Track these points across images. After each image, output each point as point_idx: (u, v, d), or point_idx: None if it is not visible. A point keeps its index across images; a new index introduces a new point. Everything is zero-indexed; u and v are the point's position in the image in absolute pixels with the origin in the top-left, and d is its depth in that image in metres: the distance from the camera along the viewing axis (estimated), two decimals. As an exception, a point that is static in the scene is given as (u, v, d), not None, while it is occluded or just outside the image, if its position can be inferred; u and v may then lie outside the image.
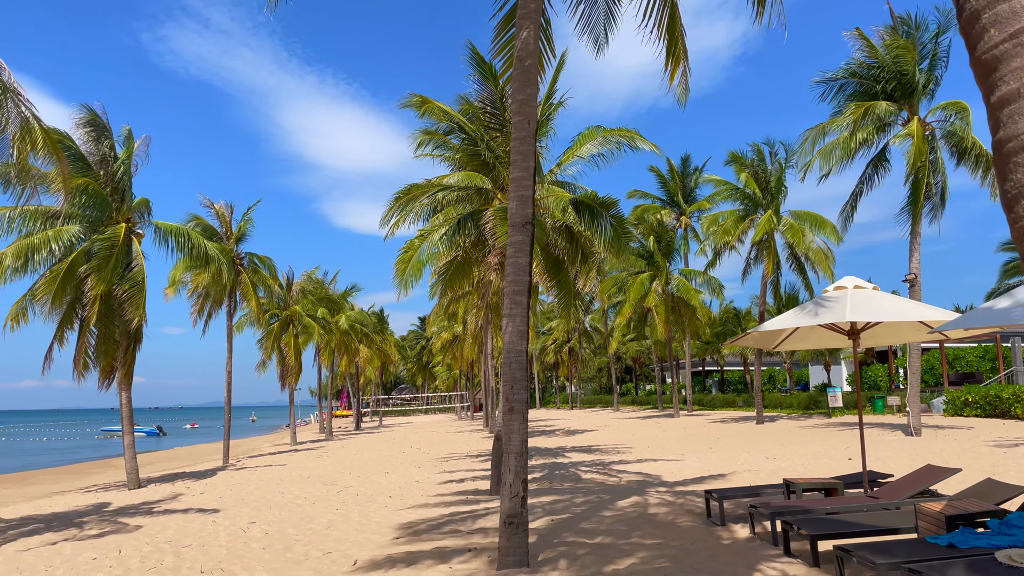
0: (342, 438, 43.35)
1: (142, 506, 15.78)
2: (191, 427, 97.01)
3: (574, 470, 18.21)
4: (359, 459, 25.87)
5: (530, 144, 8.59)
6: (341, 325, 45.63)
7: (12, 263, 18.30)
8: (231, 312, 30.25)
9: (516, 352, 8.17)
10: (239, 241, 31.05)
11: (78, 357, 19.72)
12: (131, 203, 20.53)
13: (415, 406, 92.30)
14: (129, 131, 21.14)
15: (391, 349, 60.51)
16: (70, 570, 9.20)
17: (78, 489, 22.22)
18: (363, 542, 10.00)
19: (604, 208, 15.50)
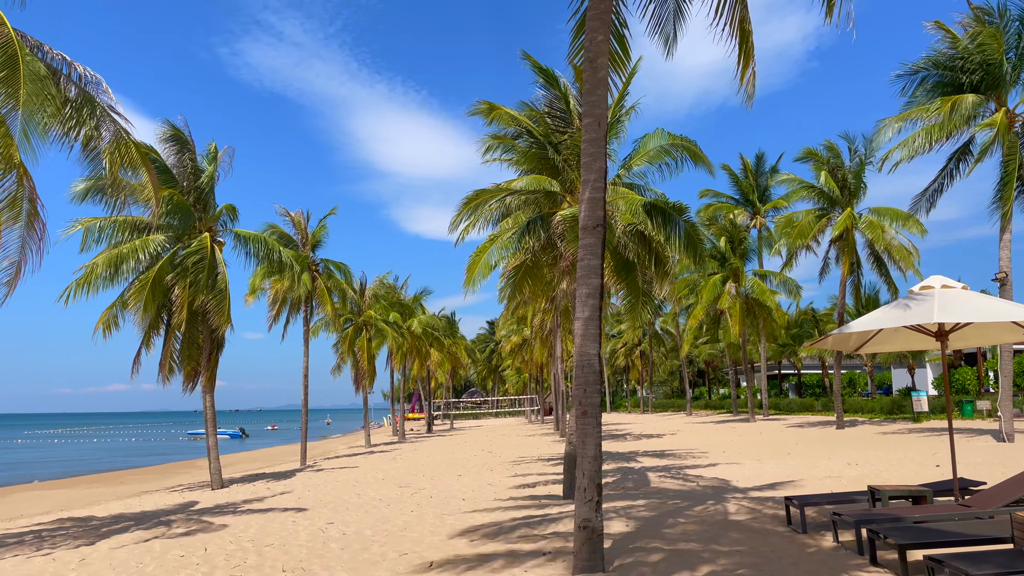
0: (414, 441, 43.93)
1: (226, 506, 16.31)
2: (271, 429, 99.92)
3: (647, 475, 17.99)
4: (431, 461, 26.16)
5: (600, 146, 8.53)
6: (414, 329, 46.26)
7: (103, 272, 19.18)
8: (307, 317, 31.03)
9: (588, 356, 8.12)
10: (314, 248, 31.83)
11: (164, 362, 20.54)
12: (214, 212, 21.30)
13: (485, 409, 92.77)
14: (215, 146, 21.91)
15: (461, 353, 61.05)
16: (160, 567, 9.58)
17: (165, 489, 23.14)
18: (438, 544, 10.09)
19: (677, 213, 15.28)
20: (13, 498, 24.86)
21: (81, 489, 27.31)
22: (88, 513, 16.87)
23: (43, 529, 14.27)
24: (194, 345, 20.52)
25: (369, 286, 43.28)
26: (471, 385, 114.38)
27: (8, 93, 10.39)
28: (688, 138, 16.24)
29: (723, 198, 49.69)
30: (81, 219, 19.43)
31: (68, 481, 32.34)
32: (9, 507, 21.57)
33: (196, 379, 20.76)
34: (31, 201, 11.90)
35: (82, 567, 9.84)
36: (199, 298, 19.62)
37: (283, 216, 30.99)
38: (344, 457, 32.78)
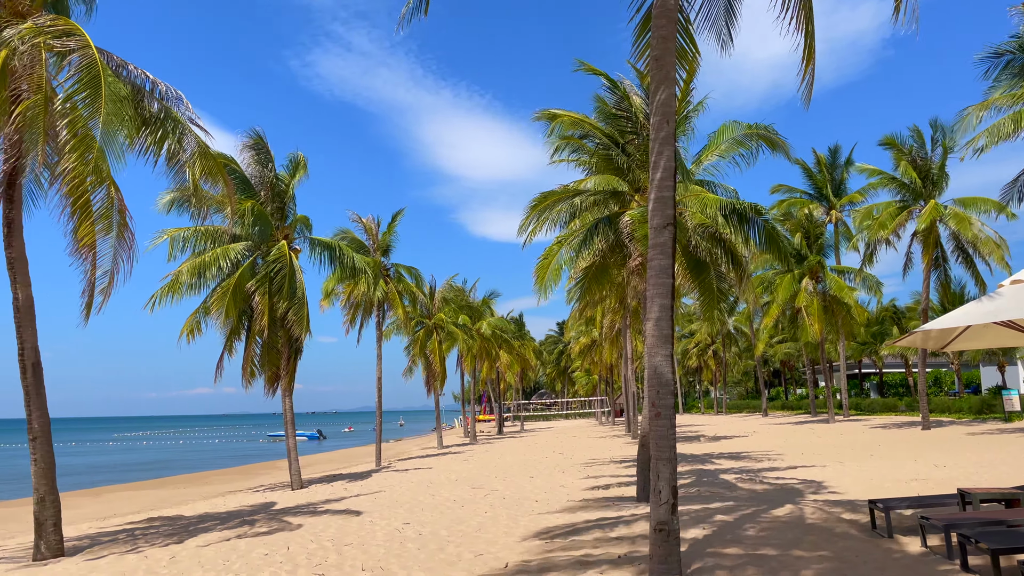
0: (485, 442, 44.22)
1: (305, 506, 16.75)
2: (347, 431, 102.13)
3: (723, 477, 17.67)
4: (503, 463, 26.28)
5: (669, 144, 8.45)
6: (483, 331, 46.58)
7: (188, 279, 19.95)
8: (380, 321, 31.60)
9: (661, 356, 8.04)
10: (385, 252, 32.38)
11: (245, 366, 21.22)
12: (291, 220, 21.93)
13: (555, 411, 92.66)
14: (301, 157, 22.48)
15: (530, 354, 61.16)
16: (245, 565, 9.91)
17: (248, 489, 23.89)
18: (512, 545, 10.15)
19: (755, 212, 14.99)
20: (106, 498, 26.08)
21: (169, 489, 28.47)
22: (176, 512, 17.56)
23: (135, 528, 14.93)
24: (274, 350, 21.15)
25: (438, 289, 43.77)
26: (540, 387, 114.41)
27: (92, 111, 10.92)
28: (763, 125, 15.88)
29: (797, 193, 48.38)
30: (167, 230, 20.26)
31: (157, 482, 33.75)
32: (103, 507, 22.63)
33: (277, 383, 21.39)
34: (120, 213, 12.49)
35: (172, 564, 10.26)
36: (281, 306, 20.22)
37: (355, 222, 31.61)
38: (417, 458, 33.24)
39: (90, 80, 10.90)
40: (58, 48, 11.43)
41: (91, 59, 11.04)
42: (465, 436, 52.45)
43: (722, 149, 16.41)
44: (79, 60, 11.16)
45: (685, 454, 25.28)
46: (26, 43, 11.01)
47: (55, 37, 11.30)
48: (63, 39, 11.37)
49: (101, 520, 17.35)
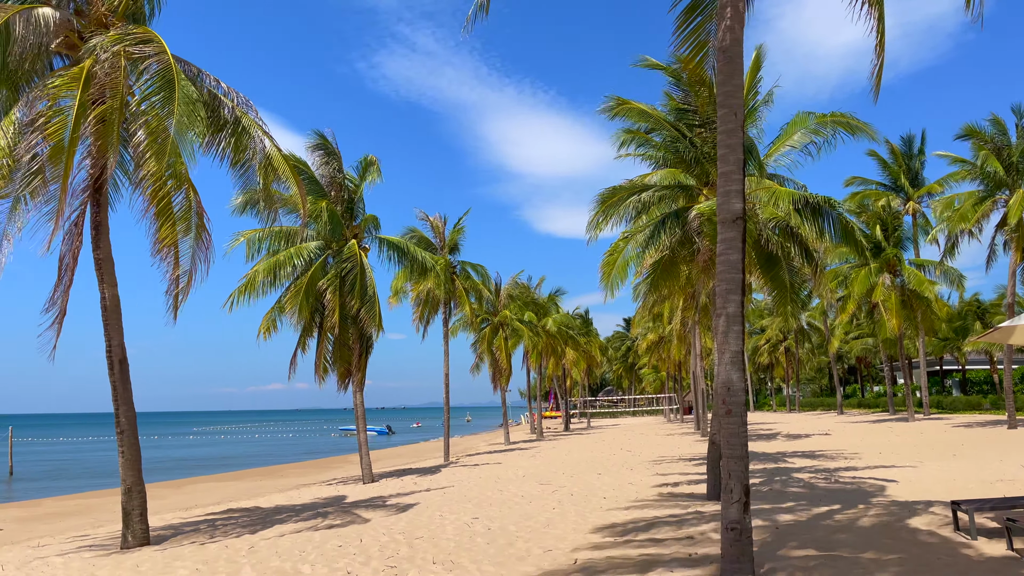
0: (552, 439, 44.24)
1: (376, 499, 17.08)
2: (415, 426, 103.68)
3: (796, 476, 17.27)
4: (571, 460, 26.26)
5: (737, 137, 8.30)
6: (548, 328, 46.57)
7: (264, 279, 20.56)
8: (447, 318, 31.95)
9: (732, 353, 7.92)
10: (452, 250, 32.70)
11: (318, 363, 21.76)
12: (361, 220, 22.37)
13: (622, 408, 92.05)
14: (367, 158, 22.90)
15: (596, 351, 60.87)
16: (320, 556, 10.18)
17: (321, 482, 24.49)
18: (581, 541, 10.14)
19: (828, 206, 14.60)
20: (188, 489, 27.12)
21: (247, 481, 29.42)
22: (254, 504, 18.14)
23: (215, 518, 15.49)
24: (345, 347, 21.62)
25: (504, 286, 43.97)
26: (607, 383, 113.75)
27: (168, 114, 11.35)
28: (839, 112, 15.41)
29: (872, 185, 46.76)
30: (244, 231, 20.91)
31: (235, 474, 34.92)
32: (185, 498, 23.54)
33: (349, 379, 21.87)
34: (199, 215, 12.97)
35: (251, 554, 10.61)
36: (353, 304, 20.66)
37: (423, 220, 32.03)
38: (485, 454, 33.50)
39: (165, 84, 11.32)
40: (137, 55, 11.91)
41: (166, 64, 11.46)
42: (532, 432, 52.59)
43: (795, 140, 16.00)
44: (156, 66, 11.60)
45: (756, 452, 24.79)
46: (108, 51, 11.50)
47: (135, 44, 11.78)
48: (141, 46, 11.82)
49: (183, 511, 18.05)
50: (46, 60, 12.67)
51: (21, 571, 10.41)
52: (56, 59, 12.66)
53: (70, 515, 20.62)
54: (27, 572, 10.29)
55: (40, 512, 21.78)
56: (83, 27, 12.23)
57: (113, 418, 12.59)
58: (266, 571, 9.31)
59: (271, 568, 9.46)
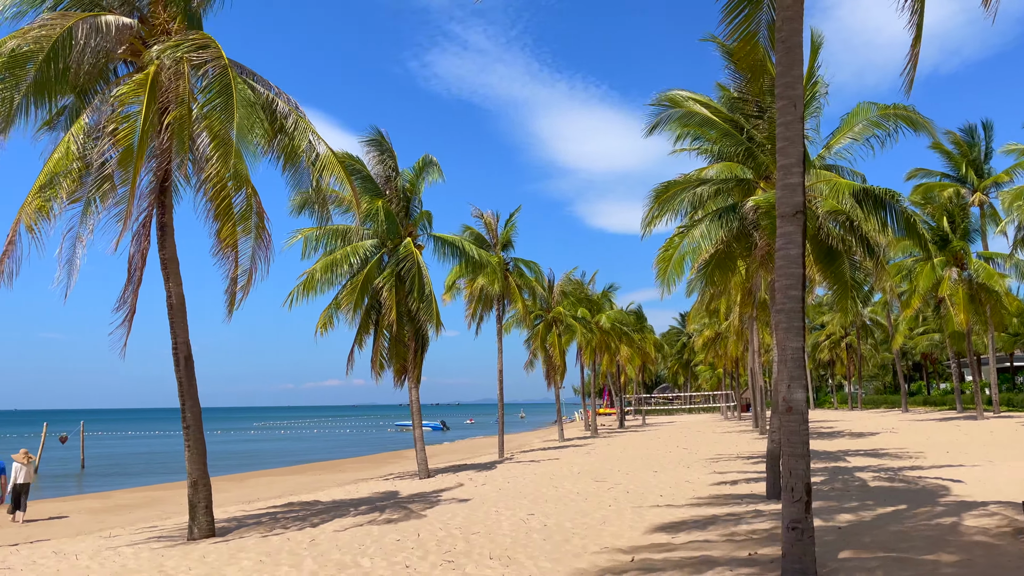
0: (607, 436, 44.02)
1: (433, 494, 17.25)
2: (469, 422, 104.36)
3: (859, 476, 16.85)
4: (626, 457, 26.10)
5: (797, 129, 8.12)
6: (602, 324, 46.32)
7: (321, 277, 20.94)
8: (500, 315, 32.04)
9: (792, 349, 7.76)
10: (505, 247, 32.79)
11: (375, 359, 22.07)
12: (415, 218, 22.60)
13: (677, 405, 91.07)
14: (426, 158, 23.10)
15: (650, 348, 60.25)
16: (379, 549, 10.33)
17: (378, 477, 24.84)
18: (638, 539, 10.08)
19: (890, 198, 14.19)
20: (250, 483, 27.80)
21: (306, 476, 30.02)
22: (313, 498, 18.50)
23: (276, 511, 15.85)
24: (401, 344, 21.86)
25: (557, 283, 43.88)
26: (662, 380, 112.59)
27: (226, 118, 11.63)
28: (902, 104, 14.95)
29: (935, 176, 45.19)
30: (301, 230, 21.33)
31: (295, 468, 35.67)
32: (247, 491, 24.14)
33: (405, 375, 22.12)
34: (259, 215, 13.27)
35: (312, 547, 10.82)
36: (412, 301, 20.88)
37: (477, 217, 32.19)
38: (539, 451, 33.52)
39: (223, 88, 11.60)
40: (196, 61, 12.23)
41: (224, 68, 11.75)
42: (586, 429, 52.43)
43: (855, 132, 15.60)
44: (214, 70, 11.90)
45: (817, 451, 24.26)
46: (170, 57, 11.82)
47: (194, 50, 12.09)
48: (200, 52, 12.12)
49: (246, 504, 18.52)
50: (111, 67, 13.12)
51: (94, 560, 10.82)
52: (121, 66, 13.11)
53: (138, 507, 21.35)
54: (99, 561, 10.69)
55: (110, 504, 22.60)
56: (146, 33, 12.60)
57: (179, 413, 12.98)
58: (327, 564, 9.49)
59: (332, 561, 9.64)
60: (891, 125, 15.07)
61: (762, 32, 9.90)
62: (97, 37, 11.65)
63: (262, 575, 9.06)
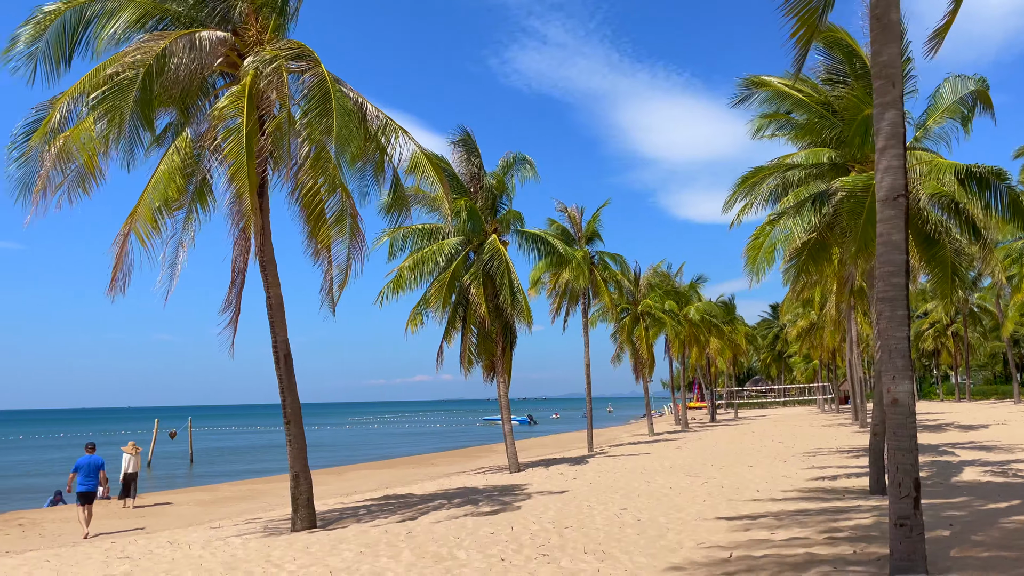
0: (698, 430, 43.28)
1: (524, 488, 17.37)
2: (554, 417, 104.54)
3: (969, 470, 16.04)
4: (719, 451, 25.61)
5: (896, 108, 7.79)
6: (691, 317, 45.55)
7: (409, 275, 21.36)
8: (586, 309, 31.93)
9: (896, 339, 7.46)
10: (589, 241, 32.61)
11: (463, 355, 22.38)
12: (501, 215, 22.76)
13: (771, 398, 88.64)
14: (517, 155, 23.23)
15: (741, 339, 58.86)
16: (474, 542, 10.49)
17: (469, 471, 25.20)
18: (735, 535, 9.89)
19: (996, 178, 13.42)
20: (347, 476, 28.65)
21: (399, 470, 30.73)
22: (408, 491, 18.93)
23: (373, 504, 16.29)
24: (489, 340, 22.09)
25: (643, 275, 43.36)
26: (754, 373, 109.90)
27: (325, 126, 12.00)
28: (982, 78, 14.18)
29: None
30: (388, 230, 21.79)
31: (389, 462, 36.56)
32: (345, 484, 24.89)
33: (493, 370, 22.35)
34: (352, 216, 13.64)
35: (409, 539, 11.09)
36: (500, 299, 21.06)
37: (561, 211, 32.12)
38: (629, 445, 33.27)
39: (322, 97, 11.97)
40: (294, 69, 12.68)
41: (321, 77, 12.12)
42: (676, 423, 51.70)
43: (950, 111, 14.84)
44: (311, 79, 12.29)
45: (923, 444, 23.20)
46: (266, 67, 12.27)
47: (290, 60, 12.53)
48: (298, 61, 12.57)
49: (344, 496, 19.11)
50: (210, 80, 13.74)
51: (205, 550, 11.39)
52: (219, 79, 13.71)
53: (243, 499, 22.33)
54: (211, 551, 11.24)
55: (218, 496, 23.71)
56: (240, 46, 13.11)
57: (277, 408, 13.50)
58: (424, 555, 9.71)
59: (429, 553, 9.86)
60: (971, 101, 14.34)
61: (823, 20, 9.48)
62: (192, 53, 12.13)
63: (362, 566, 9.33)
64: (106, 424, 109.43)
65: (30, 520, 18.93)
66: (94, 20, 12.29)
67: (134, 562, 10.70)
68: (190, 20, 12.94)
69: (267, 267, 13.35)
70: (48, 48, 12.16)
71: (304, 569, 9.33)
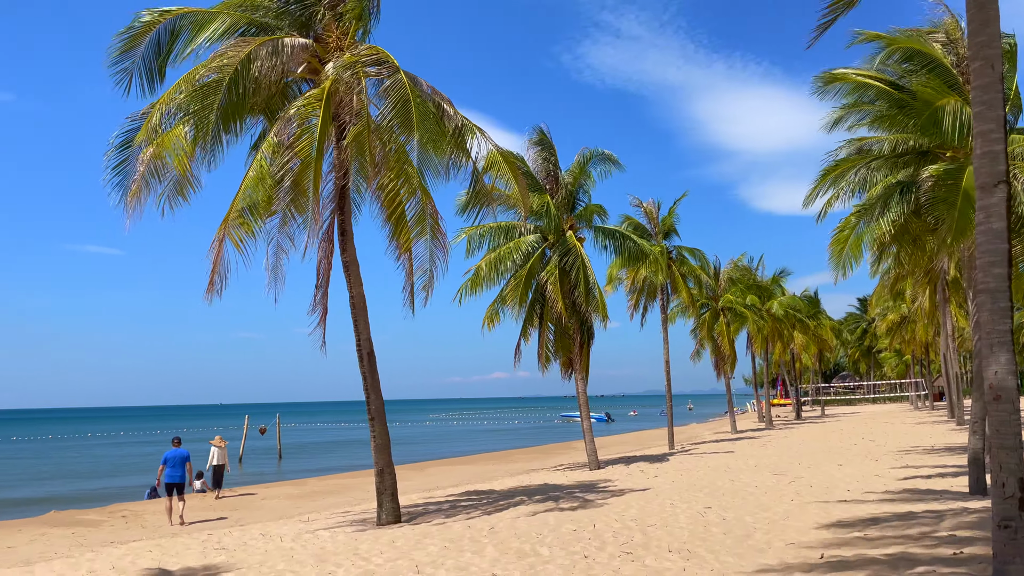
0: (783, 427, 42.20)
1: (604, 485, 17.30)
2: (632, 414, 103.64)
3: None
4: (806, 449, 24.91)
5: (996, 92, 7.42)
6: (774, 311, 44.43)
7: (486, 273, 21.55)
8: (664, 304, 31.54)
9: (999, 332, 7.10)
10: (667, 235, 32.19)
11: (541, 352, 22.45)
12: (578, 211, 22.71)
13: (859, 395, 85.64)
14: (593, 150, 23.16)
15: (827, 334, 57.09)
16: (556, 539, 10.51)
17: (548, 468, 25.22)
18: (825, 536, 9.62)
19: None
20: (429, 472, 29.10)
21: (479, 465, 31.02)
22: (488, 487, 19.10)
23: (456, 500, 16.51)
24: (567, 336, 22.09)
25: (723, 269, 42.56)
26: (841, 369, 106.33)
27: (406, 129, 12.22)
28: None
29: None
30: (465, 228, 22.03)
31: (469, 458, 36.95)
32: (427, 479, 25.29)
33: (571, 367, 22.33)
34: (432, 217, 13.85)
35: (492, 535, 11.20)
36: (576, 296, 21.04)
37: (636, 206, 31.82)
38: (711, 443, 32.71)
39: (401, 102, 12.18)
40: (373, 74, 12.95)
41: (400, 83, 12.32)
42: (759, 421, 50.54)
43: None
44: (391, 84, 12.53)
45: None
46: (345, 72, 12.56)
47: (369, 65, 12.80)
48: (377, 67, 12.83)
49: (426, 492, 19.41)
50: (295, 87, 14.17)
51: (296, 542, 11.77)
52: (304, 86, 14.12)
53: (330, 493, 22.96)
54: (301, 544, 11.62)
55: (306, 490, 24.44)
56: (321, 52, 13.46)
57: (359, 405, 13.83)
58: (507, 551, 9.79)
59: (512, 549, 9.93)
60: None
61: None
62: (275, 59, 12.53)
63: (447, 560, 9.48)
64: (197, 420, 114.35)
65: (132, 512, 19.94)
66: (184, 32, 12.81)
67: (230, 553, 11.15)
68: (274, 29, 13.35)
69: (350, 268, 13.68)
70: (142, 61, 12.75)
71: (391, 563, 9.54)
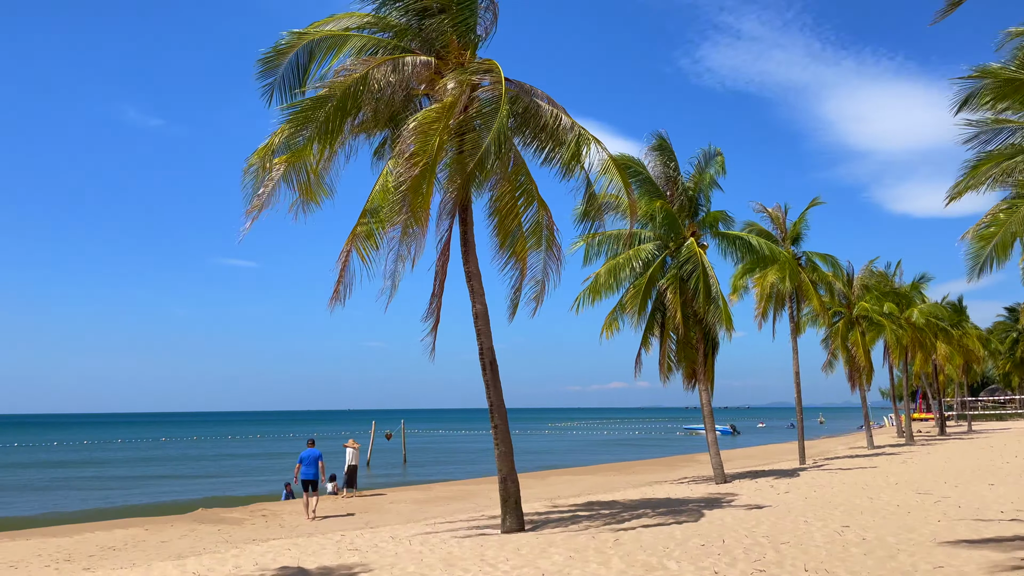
0: (925, 443, 39.54)
1: (732, 499, 16.74)
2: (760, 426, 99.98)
3: None
4: (951, 467, 23.22)
5: None
6: (914, 320, 41.76)
7: (605, 281, 21.39)
8: (792, 313, 30.28)
9: None
10: (795, 241, 30.92)
11: (662, 361, 22.04)
12: (701, 217, 22.18)
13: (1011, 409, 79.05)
14: (708, 150, 22.61)
15: (974, 344, 53.16)
16: (684, 553, 10.24)
17: (671, 480, 24.69)
18: (979, 560, 8.90)
19: None
20: (550, 481, 29.11)
21: (600, 476, 30.76)
22: (611, 498, 18.89)
23: (578, 510, 16.41)
24: (689, 346, 21.58)
25: (857, 276, 40.46)
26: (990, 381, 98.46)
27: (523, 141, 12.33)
28: None
29: None
30: (583, 236, 21.93)
31: (589, 468, 36.74)
32: (548, 488, 25.31)
33: (695, 378, 21.79)
34: (548, 228, 13.91)
35: (617, 546, 11.04)
36: (698, 305, 20.53)
37: (760, 212, 30.77)
38: (845, 458, 31.06)
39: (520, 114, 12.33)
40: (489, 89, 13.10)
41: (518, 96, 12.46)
42: (899, 436, 47.58)
43: None
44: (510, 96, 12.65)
45: None
46: (464, 86, 12.80)
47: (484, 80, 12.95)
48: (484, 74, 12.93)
49: (548, 501, 19.43)
50: (417, 100, 14.57)
51: (424, 546, 12.04)
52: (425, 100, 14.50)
53: (455, 499, 23.36)
54: (429, 547, 11.87)
55: (431, 495, 25.00)
56: (442, 67, 13.76)
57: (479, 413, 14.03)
58: (634, 564, 9.62)
59: (638, 561, 9.76)
60: None
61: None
62: (396, 75, 12.87)
63: (573, 570, 9.42)
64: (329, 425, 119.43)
65: (271, 511, 21.02)
66: (319, 53, 13.43)
67: (363, 554, 11.53)
68: (401, 49, 13.80)
69: (472, 278, 13.89)
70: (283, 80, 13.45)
71: (517, 570, 9.58)
